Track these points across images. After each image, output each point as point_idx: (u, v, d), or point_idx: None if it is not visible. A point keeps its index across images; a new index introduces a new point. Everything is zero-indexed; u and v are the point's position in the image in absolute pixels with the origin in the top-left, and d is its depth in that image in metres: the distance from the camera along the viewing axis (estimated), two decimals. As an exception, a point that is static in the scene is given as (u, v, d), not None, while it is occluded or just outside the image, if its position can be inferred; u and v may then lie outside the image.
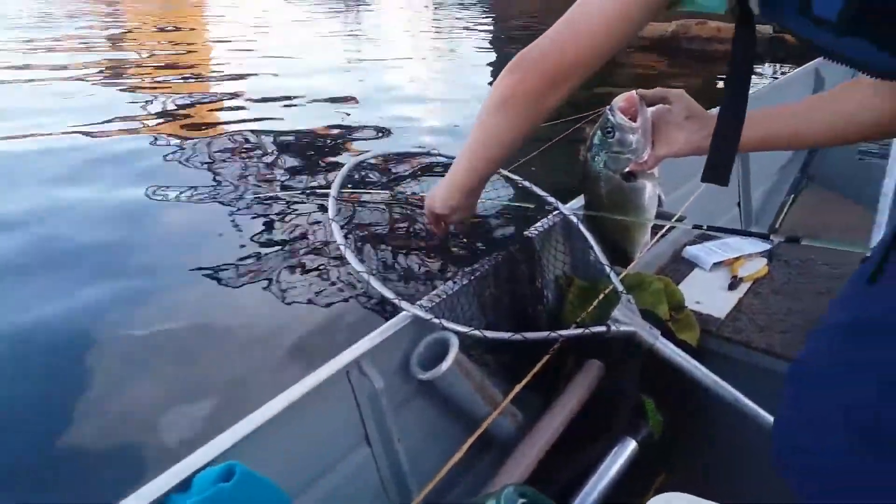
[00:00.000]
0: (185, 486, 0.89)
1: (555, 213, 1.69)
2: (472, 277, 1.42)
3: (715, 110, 0.93)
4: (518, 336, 1.31)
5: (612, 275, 1.53)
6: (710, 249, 1.85)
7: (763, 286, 1.72)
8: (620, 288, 1.49)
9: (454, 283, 1.39)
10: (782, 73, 8.30)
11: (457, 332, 1.27)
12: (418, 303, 1.32)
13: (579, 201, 1.78)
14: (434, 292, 1.37)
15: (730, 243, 1.87)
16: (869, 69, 0.71)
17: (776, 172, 2.87)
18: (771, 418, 1.32)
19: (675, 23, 9.56)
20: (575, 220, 1.66)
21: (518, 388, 1.32)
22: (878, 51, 0.63)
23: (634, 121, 1.18)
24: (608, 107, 1.24)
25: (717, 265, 1.80)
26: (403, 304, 1.28)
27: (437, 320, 1.26)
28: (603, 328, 1.40)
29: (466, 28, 11.78)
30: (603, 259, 1.57)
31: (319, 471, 1.12)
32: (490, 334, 1.30)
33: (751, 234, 1.57)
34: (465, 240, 1.55)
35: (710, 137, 0.89)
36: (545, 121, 1.02)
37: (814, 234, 2.37)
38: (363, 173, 1.55)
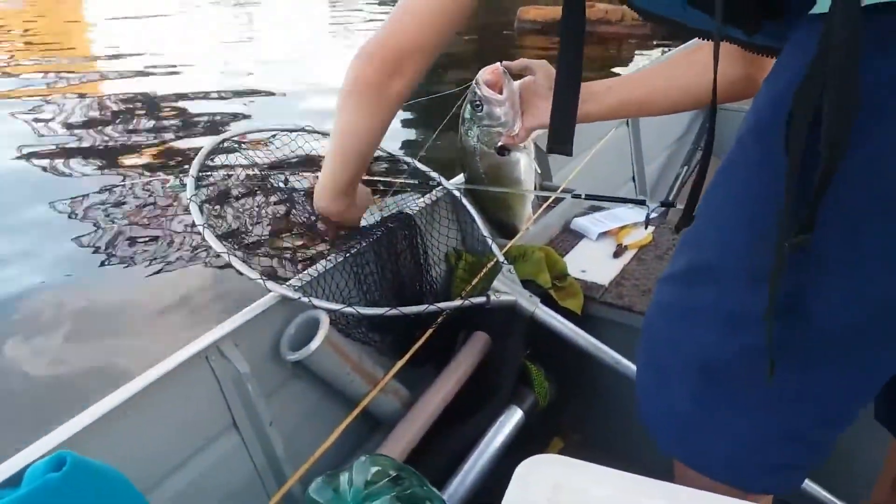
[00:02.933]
0: (16, 480, 0.84)
1: (438, 188, 1.67)
2: (349, 254, 1.39)
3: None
4: (394, 310, 1.29)
5: (494, 247, 1.52)
6: (597, 220, 1.88)
7: (647, 253, 1.75)
8: (502, 259, 1.49)
9: (328, 261, 1.36)
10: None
11: (327, 310, 1.24)
12: (288, 283, 1.28)
13: (462, 178, 1.78)
14: (307, 271, 1.33)
15: (617, 213, 1.91)
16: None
17: (671, 145, 2.94)
18: None
19: None
20: (458, 194, 1.65)
21: (399, 364, 1.30)
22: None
23: (501, 93, 1.17)
24: (474, 80, 1.23)
25: (602, 235, 1.83)
26: (269, 283, 1.23)
27: (305, 299, 1.22)
28: (483, 299, 1.40)
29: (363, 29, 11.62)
30: (486, 232, 1.57)
31: (182, 459, 1.07)
32: (363, 310, 1.28)
33: (626, 201, 1.59)
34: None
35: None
36: (399, 107, 1.01)
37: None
38: (231, 151, 1.49)
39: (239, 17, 14.44)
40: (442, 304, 1.34)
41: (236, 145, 1.45)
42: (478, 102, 1.08)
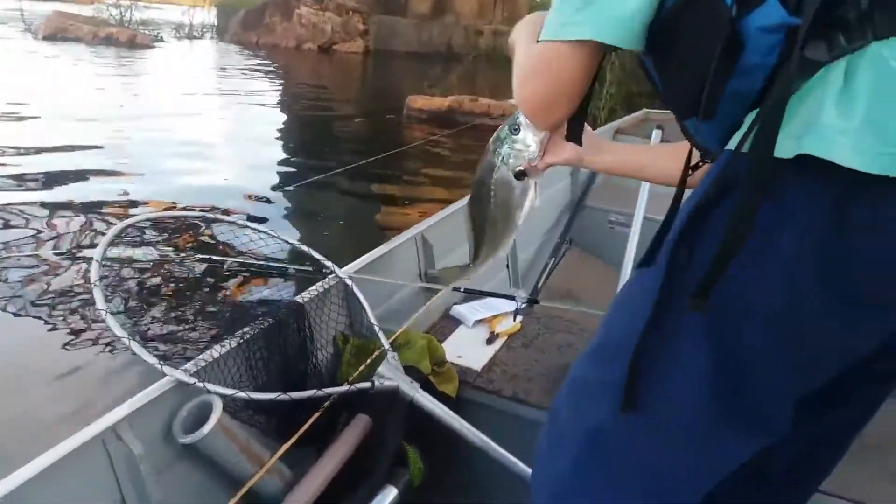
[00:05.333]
0: None
1: (331, 276, 1.80)
2: (242, 340, 1.48)
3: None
4: (284, 396, 1.39)
5: (381, 334, 1.66)
6: (473, 308, 2.06)
7: (516, 341, 1.95)
8: (387, 346, 1.63)
9: (222, 346, 1.44)
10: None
11: (221, 395, 1.32)
12: (183, 367, 1.35)
13: (355, 266, 1.92)
14: (201, 356, 1.41)
15: (491, 302, 2.10)
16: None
17: (542, 236, 3.24)
18: (515, 460, 1.51)
19: (451, 98, 10.61)
20: (350, 283, 1.79)
21: (285, 447, 1.38)
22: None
23: None
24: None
25: (478, 322, 2.01)
26: (166, 368, 1.30)
27: (200, 384, 1.30)
28: (367, 384, 1.52)
29: (253, 102, 11.49)
30: (373, 320, 1.71)
31: None
32: (255, 395, 1.37)
33: (498, 296, 1.79)
34: (239, 303, 1.61)
35: (588, 153, 1.07)
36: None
37: (567, 295, 2.71)
38: (135, 235, 1.55)
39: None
40: (329, 390, 1.46)
41: (140, 231, 1.52)
42: (517, 126, 1.15)
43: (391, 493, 1.49)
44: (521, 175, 1.23)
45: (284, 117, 10.67)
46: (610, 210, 3.27)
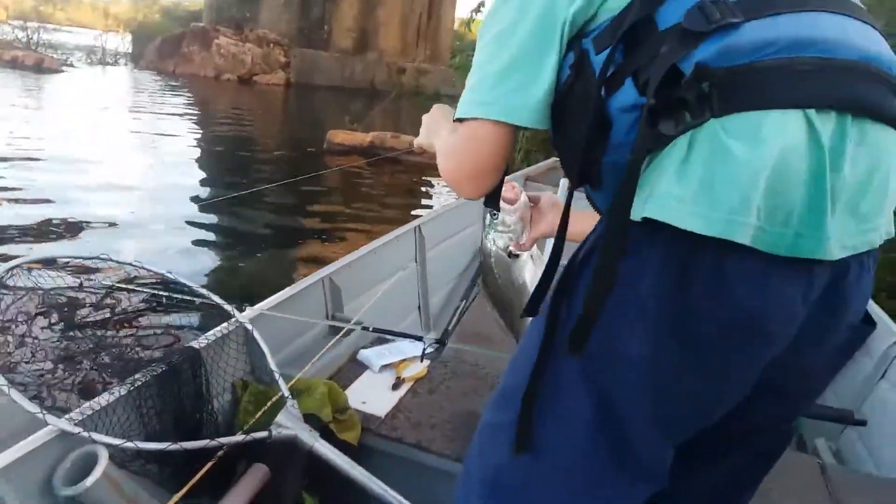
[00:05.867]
0: None
1: (231, 320, 1.76)
2: (133, 388, 1.42)
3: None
4: (176, 446, 1.34)
5: (281, 381, 1.63)
6: (381, 352, 2.06)
7: (422, 385, 1.95)
8: (286, 393, 1.60)
9: (111, 394, 1.38)
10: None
11: (107, 445, 1.26)
12: (67, 416, 1.28)
13: (258, 309, 1.89)
14: (87, 404, 1.35)
15: (399, 346, 2.10)
16: None
17: (453, 279, 3.28)
18: None
19: (373, 133, 10.83)
20: (251, 327, 1.75)
21: (176, 498, 1.33)
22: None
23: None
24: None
25: (385, 367, 2.00)
26: (48, 417, 1.24)
27: (85, 433, 1.24)
28: (264, 433, 1.49)
29: (168, 133, 11.13)
30: (273, 366, 1.68)
31: None
32: (145, 445, 1.32)
33: (405, 336, 1.80)
34: (132, 349, 1.55)
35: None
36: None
37: (476, 338, 2.75)
38: (20, 277, 1.48)
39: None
40: (224, 439, 1.41)
41: (26, 271, 1.45)
42: (494, 211, 1.23)
43: (288, 545, 1.45)
44: (512, 255, 1.32)
45: (201, 149, 10.41)
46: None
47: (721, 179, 0.69)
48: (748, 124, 0.70)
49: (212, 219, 6.24)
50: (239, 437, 1.45)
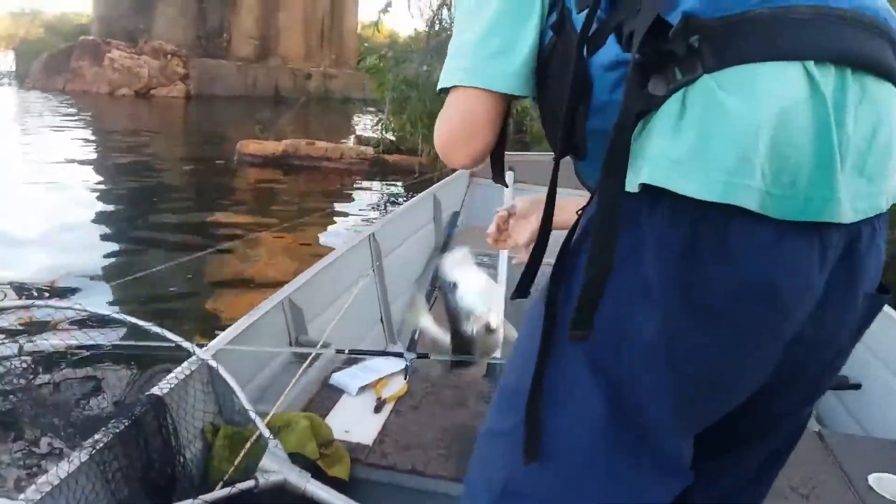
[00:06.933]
0: None
1: (191, 358, 1.58)
2: (94, 451, 1.24)
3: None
4: (154, 513, 1.17)
5: (257, 419, 1.47)
6: (355, 374, 1.91)
7: (404, 404, 1.83)
8: (267, 433, 1.44)
9: (69, 462, 1.19)
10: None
11: (74, 527, 1.08)
12: (21, 497, 1.09)
13: (217, 344, 1.71)
14: (43, 478, 1.15)
15: (371, 365, 1.97)
16: None
17: (411, 286, 3.16)
18: None
19: (285, 142, 10.52)
20: (215, 364, 1.58)
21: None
22: None
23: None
24: None
25: (362, 389, 1.86)
26: (2, 501, 1.05)
27: None
28: (251, 483, 1.33)
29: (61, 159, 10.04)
30: (246, 404, 1.51)
31: None
32: (118, 518, 1.14)
33: (385, 354, 1.67)
34: (85, 406, 1.36)
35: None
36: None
37: (445, 344, 2.63)
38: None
39: None
40: (207, 497, 1.25)
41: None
42: (452, 285, 1.18)
43: None
44: (488, 330, 1.23)
45: (100, 172, 9.53)
46: (474, 252, 3.27)
47: (718, 138, 0.65)
48: (744, 78, 0.65)
49: (113, 248, 5.75)
50: (224, 492, 1.28)
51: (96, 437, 1.27)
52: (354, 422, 1.73)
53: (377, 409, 1.80)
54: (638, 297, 0.70)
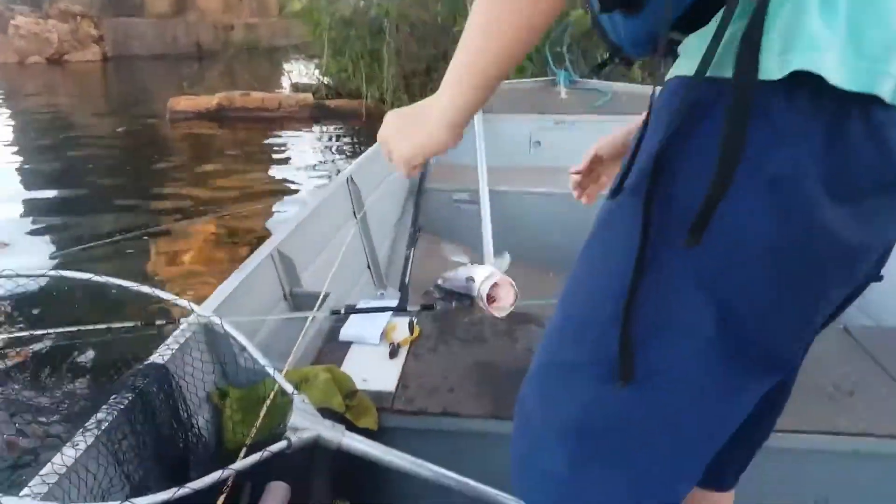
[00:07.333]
0: None
1: (190, 319, 1.42)
2: (100, 431, 1.08)
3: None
4: (186, 489, 1.02)
5: (279, 376, 1.33)
6: (359, 322, 1.77)
7: (420, 347, 1.71)
8: (290, 389, 1.30)
9: (75, 447, 1.04)
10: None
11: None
12: (29, 485, 0.95)
13: (214, 301, 1.55)
14: (50, 467, 1.00)
15: (375, 308, 1.83)
16: None
17: (392, 229, 3.02)
18: (465, 479, 1.28)
19: (219, 95, 10.03)
20: (218, 321, 1.42)
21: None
22: None
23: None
24: None
25: (372, 336, 1.73)
26: (5, 500, 0.90)
27: None
28: (283, 444, 1.19)
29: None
30: (261, 359, 1.36)
31: None
32: (142, 501, 0.99)
33: (388, 310, 1.56)
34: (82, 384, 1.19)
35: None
36: None
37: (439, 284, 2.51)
38: None
39: None
40: (238, 464, 1.11)
41: None
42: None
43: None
44: None
45: (21, 146, 8.89)
46: (452, 190, 3.15)
47: (869, 22, 0.58)
48: None
49: (54, 220, 5.37)
50: (255, 457, 1.14)
51: (99, 416, 1.11)
52: (371, 371, 1.60)
53: (392, 355, 1.67)
54: (760, 197, 0.61)
